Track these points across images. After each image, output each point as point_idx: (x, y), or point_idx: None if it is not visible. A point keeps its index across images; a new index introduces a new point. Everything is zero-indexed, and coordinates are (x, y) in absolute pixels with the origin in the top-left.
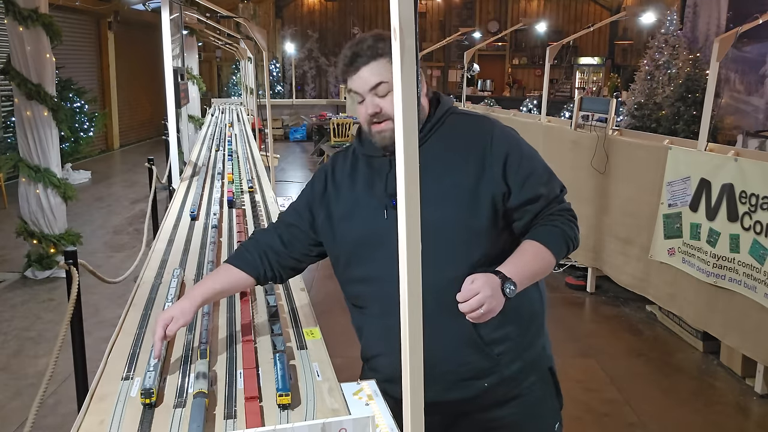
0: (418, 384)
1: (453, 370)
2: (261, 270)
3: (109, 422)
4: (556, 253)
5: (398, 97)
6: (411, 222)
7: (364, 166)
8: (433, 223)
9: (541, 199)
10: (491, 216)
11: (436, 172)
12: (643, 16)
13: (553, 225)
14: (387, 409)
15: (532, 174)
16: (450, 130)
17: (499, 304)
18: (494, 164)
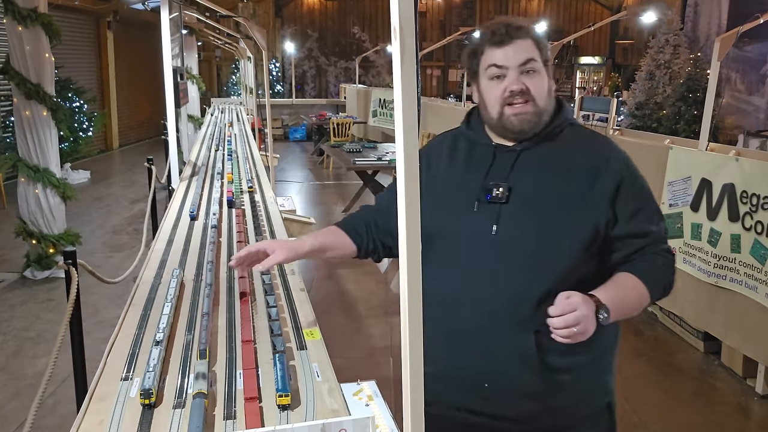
0: (419, 384)
1: (505, 385)
2: (364, 239)
3: (109, 422)
4: (652, 294)
5: (398, 97)
6: (411, 222)
7: (464, 150)
8: (524, 229)
9: (648, 236)
10: (587, 239)
11: (542, 179)
12: (644, 15)
13: (655, 264)
14: (387, 409)
15: (644, 209)
16: (566, 141)
17: (592, 328)
18: (605, 188)
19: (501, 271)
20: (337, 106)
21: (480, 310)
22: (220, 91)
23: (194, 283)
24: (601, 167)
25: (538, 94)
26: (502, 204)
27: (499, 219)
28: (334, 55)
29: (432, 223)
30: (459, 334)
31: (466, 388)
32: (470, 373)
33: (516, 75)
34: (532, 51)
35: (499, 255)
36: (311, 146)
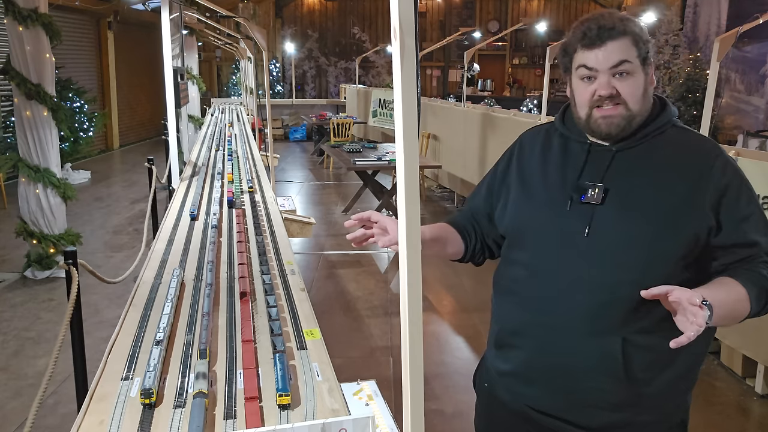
0: (418, 384)
1: (584, 393)
2: (473, 239)
3: (109, 422)
4: (754, 306)
5: (398, 97)
6: (411, 222)
7: (558, 147)
8: (618, 232)
9: (754, 246)
10: (687, 246)
11: (640, 181)
12: (644, 15)
13: (757, 272)
14: (387, 409)
15: (751, 217)
16: (667, 143)
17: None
18: (709, 193)
19: (591, 274)
20: (337, 107)
21: (568, 312)
22: (220, 91)
23: (194, 283)
24: (704, 172)
25: (630, 97)
26: (596, 205)
27: (592, 221)
28: (334, 56)
29: (522, 219)
30: (545, 333)
31: (547, 390)
32: (552, 375)
33: (606, 78)
34: (626, 51)
35: (590, 258)
36: (311, 146)
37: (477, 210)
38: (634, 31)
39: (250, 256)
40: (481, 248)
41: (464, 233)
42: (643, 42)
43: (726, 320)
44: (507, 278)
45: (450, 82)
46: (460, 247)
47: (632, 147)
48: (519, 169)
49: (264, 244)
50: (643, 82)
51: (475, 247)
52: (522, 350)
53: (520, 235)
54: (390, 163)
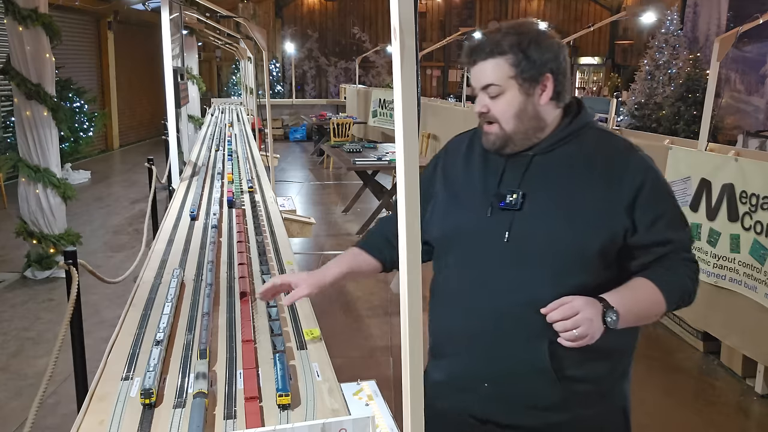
0: (418, 384)
1: (518, 394)
2: (386, 255)
3: (109, 422)
4: (669, 300)
5: (398, 97)
6: (411, 222)
7: (479, 153)
8: (539, 235)
9: (669, 244)
10: (602, 248)
11: (557, 184)
12: (644, 15)
13: (674, 272)
14: (387, 409)
15: (664, 215)
16: (583, 146)
17: (598, 331)
18: (623, 194)
19: (513, 278)
20: (337, 106)
21: (494, 317)
22: (220, 91)
23: (194, 283)
24: (619, 173)
25: (501, 116)
26: (515, 211)
27: (512, 226)
28: (334, 56)
29: (448, 227)
30: (475, 339)
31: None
32: (487, 381)
33: (481, 96)
34: (495, 72)
35: (511, 262)
36: (311, 146)
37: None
38: (509, 50)
39: (250, 256)
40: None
41: (377, 252)
42: (526, 59)
43: (639, 320)
44: (437, 286)
45: (450, 82)
46: (376, 266)
47: (549, 152)
48: (444, 176)
49: (264, 244)
50: (519, 101)
51: (392, 260)
52: (456, 358)
53: (446, 243)
54: (390, 163)
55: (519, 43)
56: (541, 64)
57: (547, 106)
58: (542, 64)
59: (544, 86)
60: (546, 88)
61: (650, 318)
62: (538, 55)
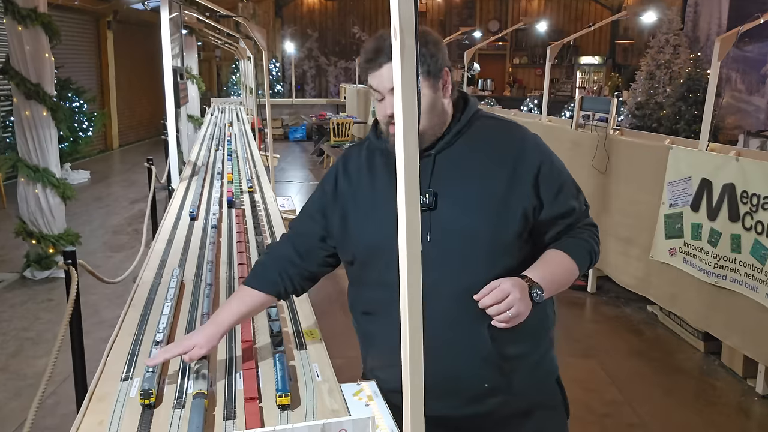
0: (419, 384)
1: (471, 386)
2: (281, 287)
3: (109, 423)
4: (580, 265)
5: (398, 97)
6: (411, 222)
7: (382, 163)
8: (458, 230)
9: (573, 213)
10: (520, 228)
11: (464, 177)
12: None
13: (580, 238)
14: (387, 409)
15: (563, 186)
16: (478, 135)
17: (527, 309)
18: (525, 175)
19: (443, 276)
20: (337, 106)
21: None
22: (220, 91)
23: (194, 283)
24: (517, 156)
25: None
26: (430, 210)
27: (431, 226)
28: (334, 55)
29: (365, 240)
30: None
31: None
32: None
33: (390, 98)
34: None
35: (436, 261)
36: (311, 146)
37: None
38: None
39: (249, 256)
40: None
41: (268, 287)
42: (428, 55)
43: (559, 289)
44: (365, 301)
45: None
46: (269, 300)
47: (449, 147)
48: (350, 191)
49: (264, 245)
50: (428, 97)
51: (287, 291)
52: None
53: (367, 256)
54: None
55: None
56: (440, 59)
57: (447, 100)
58: (441, 59)
59: (445, 81)
60: (446, 83)
61: (568, 284)
62: (435, 51)
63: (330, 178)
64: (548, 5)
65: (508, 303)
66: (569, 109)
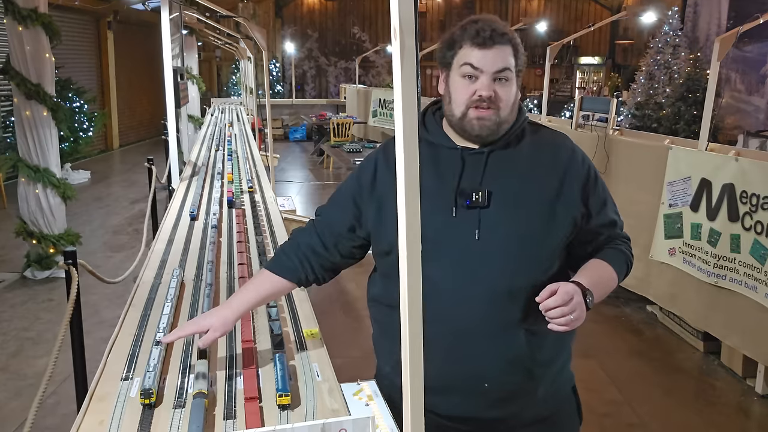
0: (418, 384)
1: (497, 389)
2: (302, 275)
3: (109, 422)
4: (619, 275)
5: (398, 97)
6: (411, 222)
7: (428, 155)
8: (507, 230)
9: (615, 226)
10: (566, 236)
11: (516, 179)
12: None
13: (618, 249)
14: (387, 409)
15: (607, 200)
16: (530, 140)
17: (584, 314)
18: (574, 184)
19: (487, 274)
20: (337, 106)
21: (471, 317)
22: (220, 91)
23: (194, 283)
24: (567, 164)
25: (505, 103)
26: (482, 208)
27: (481, 223)
28: (334, 55)
29: None
30: (452, 342)
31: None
32: (465, 380)
33: (489, 80)
34: (509, 59)
35: (484, 259)
36: (311, 146)
37: (331, 225)
38: (517, 42)
39: (250, 256)
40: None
41: (288, 272)
42: (521, 54)
43: (602, 297)
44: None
45: None
46: (289, 286)
47: (502, 148)
48: (391, 182)
49: (264, 245)
50: (516, 92)
51: (308, 279)
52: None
53: None
54: None
55: (513, 37)
56: (521, 59)
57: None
58: (523, 63)
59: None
60: (519, 84)
61: (608, 293)
62: (521, 51)
63: (368, 169)
64: (548, 5)
65: (572, 306)
66: (569, 109)
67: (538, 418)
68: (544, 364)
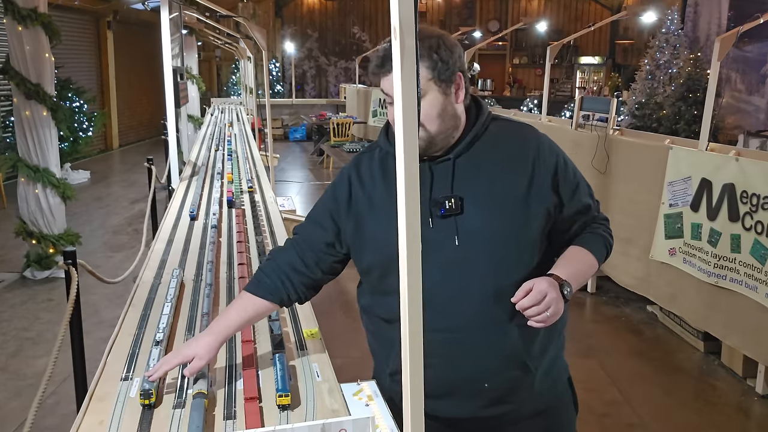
0: (418, 384)
1: (496, 387)
2: (284, 295)
3: (109, 422)
4: (599, 258)
5: (398, 97)
6: (411, 222)
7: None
8: (484, 231)
9: (589, 210)
10: (543, 226)
11: (485, 180)
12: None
13: (596, 233)
14: (387, 409)
15: (578, 185)
16: (494, 138)
17: (562, 307)
18: (544, 175)
19: (472, 278)
20: (337, 106)
21: (463, 321)
22: (220, 91)
23: (194, 283)
24: (535, 156)
25: (425, 120)
26: (457, 215)
27: (459, 230)
28: (334, 55)
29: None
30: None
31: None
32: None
33: None
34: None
35: (467, 263)
36: (311, 146)
37: (310, 242)
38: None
39: (249, 256)
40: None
41: (269, 294)
42: (440, 61)
43: (581, 284)
44: (387, 309)
45: None
46: (270, 307)
47: (466, 150)
48: (365, 198)
49: (264, 245)
50: (440, 101)
51: (290, 299)
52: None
53: (389, 264)
54: None
55: (430, 46)
56: (452, 64)
57: (460, 105)
58: (453, 64)
59: (458, 85)
60: (459, 87)
61: (588, 278)
62: (448, 56)
63: (342, 185)
64: (548, 5)
65: (547, 303)
66: (569, 109)
67: (535, 411)
68: (539, 355)
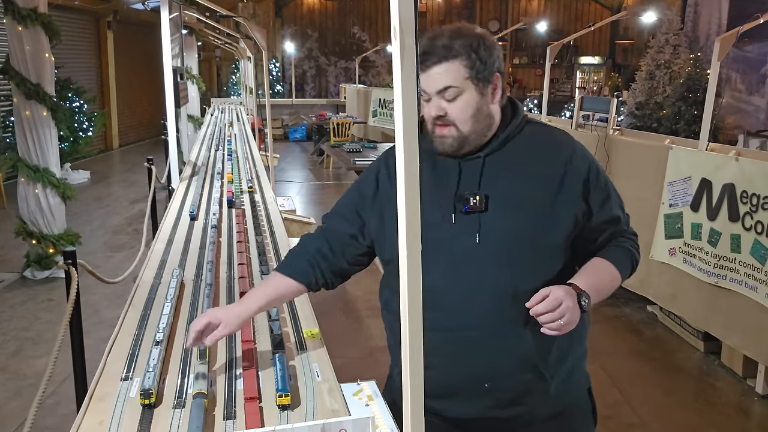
0: (418, 384)
1: (508, 389)
2: (312, 278)
3: (109, 422)
4: (623, 273)
5: (398, 97)
6: (411, 222)
7: (426, 161)
8: (507, 232)
9: (619, 222)
10: (567, 234)
11: (514, 180)
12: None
13: (622, 246)
14: (387, 409)
15: (610, 195)
16: (527, 140)
17: (578, 317)
18: (574, 181)
19: (490, 277)
20: (337, 106)
21: (478, 320)
22: (220, 91)
23: (194, 283)
24: (567, 162)
25: (459, 119)
26: (481, 212)
27: (480, 227)
28: (334, 55)
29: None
30: (460, 347)
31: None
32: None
33: (436, 100)
34: (451, 75)
35: (485, 263)
36: (311, 146)
37: (337, 233)
38: (463, 52)
39: (249, 257)
40: (325, 282)
41: (299, 275)
42: (479, 60)
43: (602, 297)
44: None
45: None
46: (300, 289)
47: (498, 150)
48: (392, 191)
49: (264, 244)
50: (476, 101)
51: (317, 282)
52: (438, 369)
53: None
54: None
55: (470, 45)
56: (491, 65)
57: (495, 105)
58: (492, 65)
59: (495, 86)
60: (497, 87)
61: (611, 292)
62: (487, 56)
63: (369, 179)
64: (548, 5)
65: (561, 311)
66: (569, 109)
67: (551, 414)
68: (555, 363)
